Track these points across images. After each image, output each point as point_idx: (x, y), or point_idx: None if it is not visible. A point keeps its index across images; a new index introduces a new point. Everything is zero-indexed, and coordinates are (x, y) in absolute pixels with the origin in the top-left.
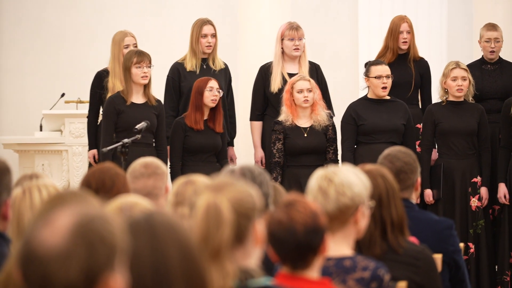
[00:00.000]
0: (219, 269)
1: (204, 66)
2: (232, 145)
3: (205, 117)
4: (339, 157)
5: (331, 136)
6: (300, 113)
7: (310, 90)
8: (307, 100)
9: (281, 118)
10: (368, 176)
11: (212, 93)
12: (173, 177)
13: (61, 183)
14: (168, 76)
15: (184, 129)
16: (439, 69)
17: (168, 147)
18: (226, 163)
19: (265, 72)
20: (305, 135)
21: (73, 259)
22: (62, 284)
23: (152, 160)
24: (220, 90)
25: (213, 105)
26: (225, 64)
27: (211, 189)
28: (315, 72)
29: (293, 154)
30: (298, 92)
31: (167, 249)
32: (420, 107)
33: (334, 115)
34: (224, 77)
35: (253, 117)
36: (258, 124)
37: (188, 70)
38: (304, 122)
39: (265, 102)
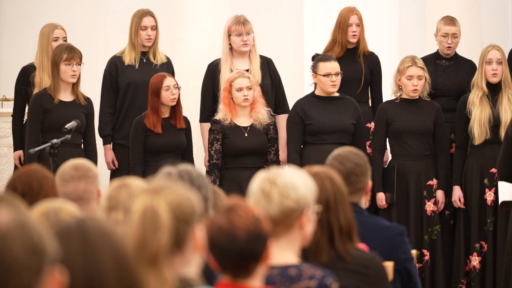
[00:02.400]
0: (157, 276)
1: (144, 60)
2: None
3: (165, 116)
4: (282, 159)
5: (272, 136)
6: (239, 111)
7: (249, 88)
8: (247, 99)
9: (219, 116)
10: (315, 179)
11: (169, 92)
12: None
13: None
14: (105, 70)
15: (145, 129)
16: (390, 64)
17: (102, 146)
18: (191, 162)
19: (213, 71)
20: (246, 134)
21: (20, 236)
22: (12, 262)
23: (83, 162)
24: (179, 86)
25: (173, 104)
26: (168, 58)
27: (148, 192)
28: (267, 67)
29: (233, 155)
30: (237, 91)
31: (100, 257)
32: (370, 105)
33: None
34: (166, 71)
35: (203, 119)
36: (208, 126)
37: (126, 64)
38: (243, 121)
39: (215, 102)
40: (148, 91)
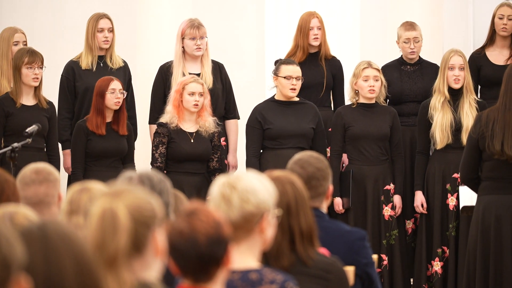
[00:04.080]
0: (115, 278)
1: (101, 64)
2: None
3: (108, 120)
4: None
5: (216, 144)
6: (186, 116)
7: (201, 95)
8: (197, 105)
9: (166, 119)
10: (276, 183)
11: (114, 95)
12: None
13: None
14: (62, 75)
15: (86, 133)
16: (352, 70)
17: (61, 151)
18: (132, 167)
19: (165, 73)
20: (192, 140)
21: None
22: None
23: (44, 166)
24: (124, 92)
25: (117, 107)
26: (124, 62)
27: (107, 195)
28: (219, 72)
29: (177, 160)
30: (189, 95)
31: (61, 260)
32: (333, 109)
33: (239, 118)
34: (123, 75)
35: (152, 120)
36: None
37: (83, 68)
38: (189, 127)
39: (165, 104)
40: (93, 93)
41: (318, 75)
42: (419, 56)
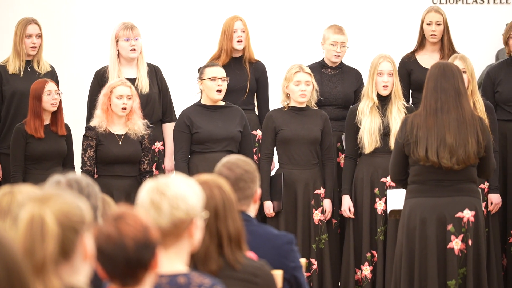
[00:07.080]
0: (43, 284)
1: (29, 69)
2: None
3: (46, 122)
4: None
5: (146, 146)
6: (115, 119)
7: (129, 98)
8: (125, 108)
9: (94, 123)
10: (204, 187)
11: (51, 97)
12: None
13: None
14: None
15: (25, 136)
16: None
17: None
18: (72, 170)
19: (101, 77)
20: (120, 143)
21: None
22: None
23: None
24: (60, 92)
25: (54, 109)
26: (52, 67)
27: (35, 200)
28: (155, 75)
29: (106, 163)
30: (117, 98)
31: None
32: (257, 113)
33: (176, 121)
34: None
35: None
36: None
37: (10, 72)
38: (118, 129)
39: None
40: (29, 96)
41: (242, 79)
42: (341, 61)
